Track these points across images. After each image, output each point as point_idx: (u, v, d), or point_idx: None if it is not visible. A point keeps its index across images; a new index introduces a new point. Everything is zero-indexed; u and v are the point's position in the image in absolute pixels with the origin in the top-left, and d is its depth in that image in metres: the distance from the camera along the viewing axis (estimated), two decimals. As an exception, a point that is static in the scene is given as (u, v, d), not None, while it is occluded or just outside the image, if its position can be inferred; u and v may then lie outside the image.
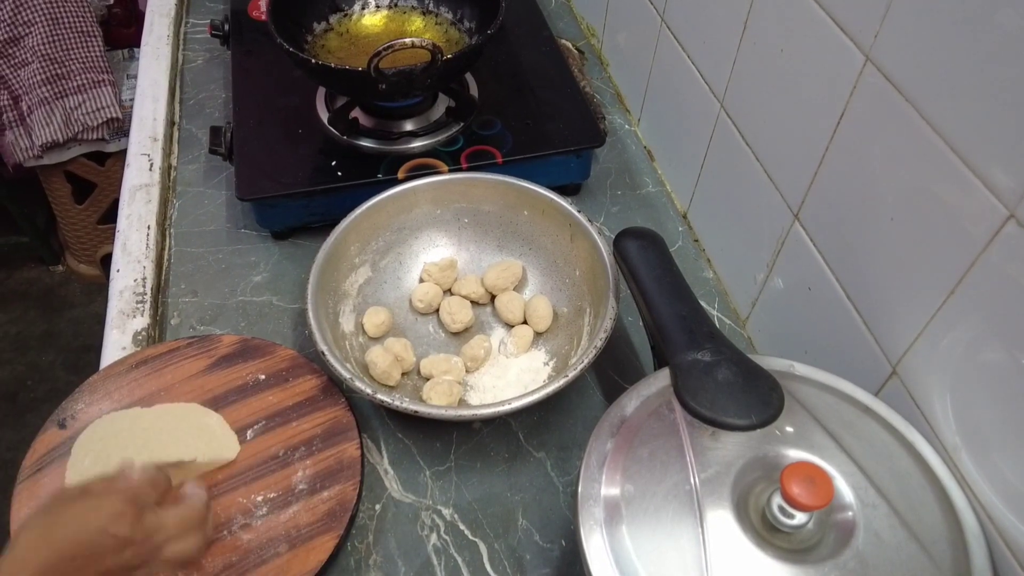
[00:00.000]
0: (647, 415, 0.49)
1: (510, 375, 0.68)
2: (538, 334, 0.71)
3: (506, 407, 0.58)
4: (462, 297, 0.73)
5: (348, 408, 0.64)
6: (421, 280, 0.75)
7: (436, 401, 0.64)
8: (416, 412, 0.58)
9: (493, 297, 0.74)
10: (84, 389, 0.65)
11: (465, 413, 0.59)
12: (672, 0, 0.80)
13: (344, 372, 0.59)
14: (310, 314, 0.63)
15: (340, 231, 0.69)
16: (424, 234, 0.76)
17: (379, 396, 0.58)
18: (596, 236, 0.68)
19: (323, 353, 0.61)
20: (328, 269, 0.67)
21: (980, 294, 0.45)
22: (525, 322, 0.72)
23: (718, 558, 0.42)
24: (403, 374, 0.68)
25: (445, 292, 0.74)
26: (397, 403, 0.58)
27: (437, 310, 0.74)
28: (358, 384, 0.59)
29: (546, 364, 0.69)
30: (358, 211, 0.71)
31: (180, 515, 0.48)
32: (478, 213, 0.76)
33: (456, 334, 0.72)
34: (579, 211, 0.70)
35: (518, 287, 0.75)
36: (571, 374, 0.59)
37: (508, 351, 0.70)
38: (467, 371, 0.69)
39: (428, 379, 0.67)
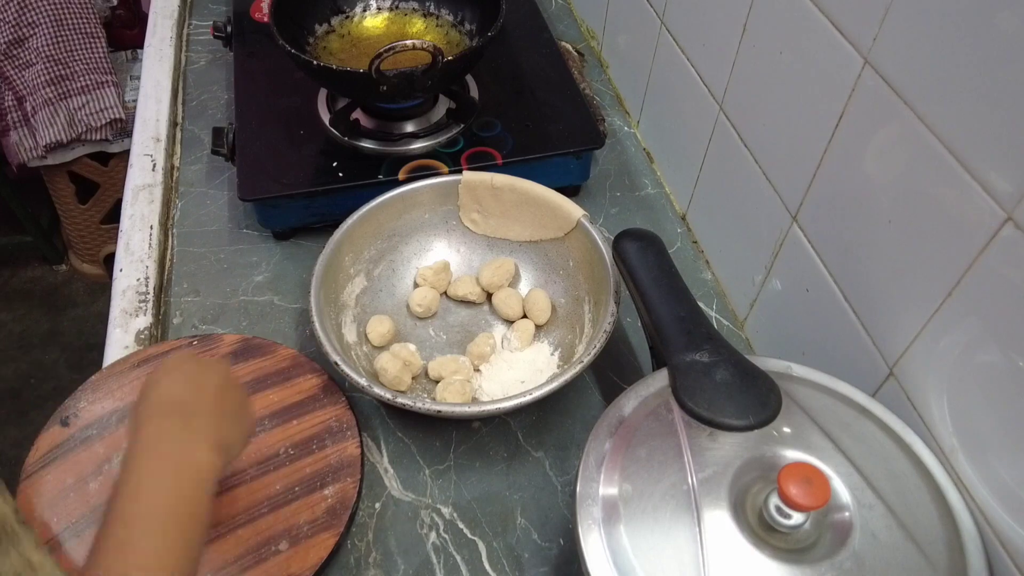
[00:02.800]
0: (645, 415, 0.49)
1: (519, 368, 0.69)
2: (539, 327, 0.72)
3: (509, 403, 0.58)
4: (458, 299, 0.74)
5: (348, 407, 0.64)
6: (416, 285, 0.75)
7: (452, 400, 0.65)
8: (439, 412, 0.59)
9: (490, 296, 0.75)
10: (87, 387, 0.65)
11: (490, 408, 0.59)
12: (672, 3, 0.81)
13: (361, 381, 0.59)
14: (318, 329, 0.62)
15: (333, 243, 0.68)
16: (414, 239, 0.76)
17: (400, 400, 0.58)
18: (597, 236, 0.69)
19: (337, 364, 0.60)
20: (327, 281, 0.67)
21: (978, 296, 0.45)
22: (525, 316, 0.73)
23: (715, 558, 0.42)
24: (412, 378, 0.69)
25: (442, 295, 0.75)
26: (420, 404, 0.58)
27: (435, 313, 0.74)
28: (376, 391, 0.59)
29: (552, 355, 0.70)
30: (349, 222, 0.70)
31: None
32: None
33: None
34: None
35: (512, 283, 0.75)
36: (569, 375, 0.59)
37: (512, 345, 0.71)
38: (475, 369, 0.69)
39: (437, 381, 0.68)
